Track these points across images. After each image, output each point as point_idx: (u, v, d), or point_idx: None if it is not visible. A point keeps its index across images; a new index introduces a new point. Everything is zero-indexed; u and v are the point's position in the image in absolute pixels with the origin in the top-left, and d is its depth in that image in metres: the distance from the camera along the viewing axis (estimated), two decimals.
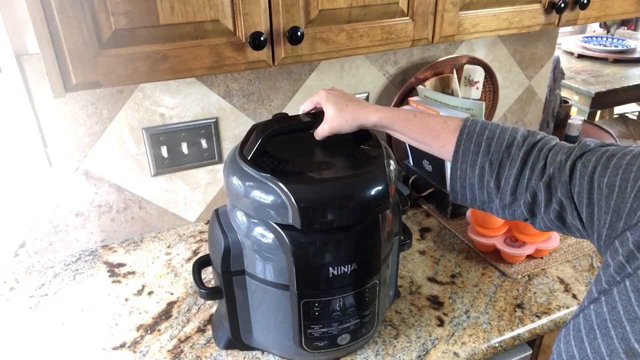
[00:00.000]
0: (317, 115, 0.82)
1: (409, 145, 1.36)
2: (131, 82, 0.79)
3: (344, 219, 0.72)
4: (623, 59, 2.91)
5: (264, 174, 0.72)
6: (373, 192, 0.73)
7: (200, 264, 0.88)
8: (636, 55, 2.93)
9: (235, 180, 0.75)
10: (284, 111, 1.28)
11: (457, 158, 0.72)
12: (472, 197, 0.73)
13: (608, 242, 0.56)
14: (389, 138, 1.40)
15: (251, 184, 0.73)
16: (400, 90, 1.35)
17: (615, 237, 0.55)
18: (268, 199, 0.71)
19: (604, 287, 0.53)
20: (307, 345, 0.81)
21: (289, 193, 0.69)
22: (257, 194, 0.72)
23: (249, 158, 0.76)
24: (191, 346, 0.93)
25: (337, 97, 0.81)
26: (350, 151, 0.81)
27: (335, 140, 0.82)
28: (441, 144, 0.75)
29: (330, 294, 0.77)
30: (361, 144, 0.83)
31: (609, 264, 0.54)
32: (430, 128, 0.76)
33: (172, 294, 1.06)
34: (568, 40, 3.17)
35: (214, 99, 1.20)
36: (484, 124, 0.72)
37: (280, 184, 0.70)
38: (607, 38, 3.16)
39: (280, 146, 0.81)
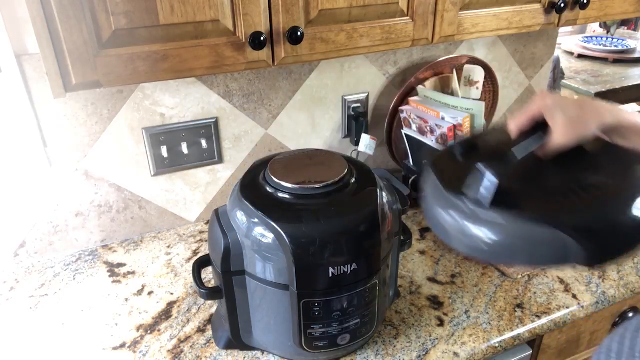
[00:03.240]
0: (535, 131, 0.67)
1: (409, 145, 1.36)
2: (131, 82, 0.79)
3: None
4: (623, 59, 2.91)
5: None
6: None
7: (200, 264, 0.88)
8: (636, 55, 2.92)
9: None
10: (282, 112, 1.28)
11: None
12: None
13: None
14: (389, 137, 1.40)
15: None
16: (400, 90, 1.34)
17: None
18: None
19: None
20: (307, 345, 0.81)
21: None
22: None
23: (486, 204, 0.60)
24: (191, 346, 0.93)
25: (564, 102, 0.66)
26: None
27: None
28: None
29: (330, 294, 0.77)
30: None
31: None
32: None
33: (172, 294, 1.06)
34: (568, 40, 3.17)
35: (214, 99, 1.20)
36: None
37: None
38: (607, 38, 3.16)
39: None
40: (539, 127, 0.67)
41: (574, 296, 1.03)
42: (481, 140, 0.71)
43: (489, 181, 0.59)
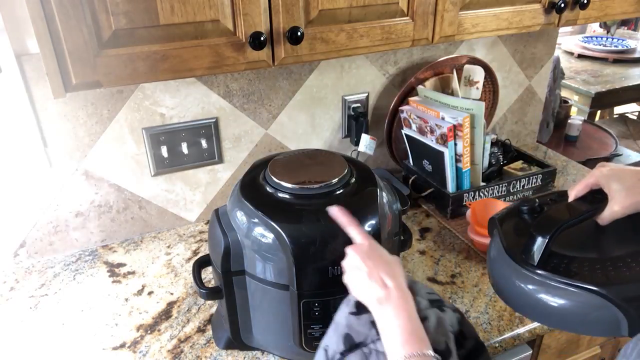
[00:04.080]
0: (594, 199, 0.70)
1: (409, 145, 1.36)
2: (131, 82, 0.79)
3: None
4: (623, 59, 2.91)
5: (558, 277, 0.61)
6: None
7: (200, 264, 0.88)
8: (636, 55, 2.93)
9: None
10: (282, 112, 1.28)
11: None
12: None
13: None
14: (389, 137, 1.40)
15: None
16: (400, 90, 1.35)
17: None
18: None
19: None
20: (307, 345, 0.81)
21: None
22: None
23: (536, 264, 0.63)
24: (191, 346, 0.93)
25: (621, 172, 0.69)
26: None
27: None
28: None
29: (330, 294, 0.77)
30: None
31: None
32: None
33: (172, 294, 1.06)
34: (568, 40, 3.17)
35: (214, 99, 1.20)
36: None
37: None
38: (607, 38, 3.16)
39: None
40: (598, 196, 0.70)
41: None
42: (545, 202, 0.74)
43: (541, 243, 0.63)
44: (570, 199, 0.72)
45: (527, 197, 0.74)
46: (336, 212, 0.73)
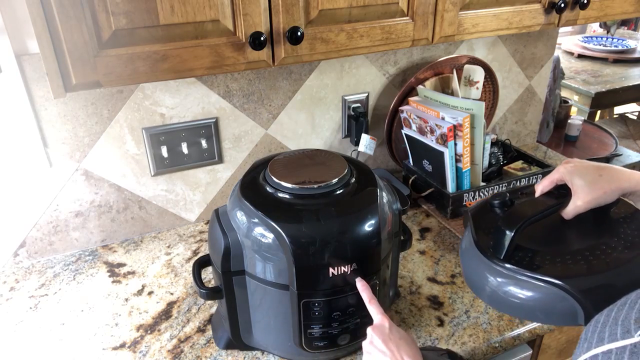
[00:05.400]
0: (559, 194, 0.72)
1: (409, 145, 1.36)
2: (131, 82, 0.79)
3: None
4: (623, 59, 2.91)
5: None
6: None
7: (200, 264, 0.88)
8: (636, 55, 2.93)
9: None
10: (282, 112, 1.28)
11: None
12: None
13: None
14: (389, 137, 1.40)
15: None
16: (400, 90, 1.35)
17: None
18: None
19: None
20: (307, 345, 0.81)
21: None
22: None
23: (502, 257, 0.66)
24: (191, 346, 0.93)
25: (584, 168, 0.71)
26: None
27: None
28: None
29: (330, 294, 0.77)
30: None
31: None
32: None
33: (172, 294, 1.06)
34: (568, 40, 3.17)
35: (214, 99, 1.20)
36: None
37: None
38: (607, 38, 3.16)
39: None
40: (563, 191, 0.72)
41: None
42: (516, 196, 0.76)
43: (507, 237, 0.65)
44: (537, 194, 0.75)
45: (499, 192, 0.76)
46: (361, 285, 0.77)
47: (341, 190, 0.80)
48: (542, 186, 0.75)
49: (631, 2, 1.22)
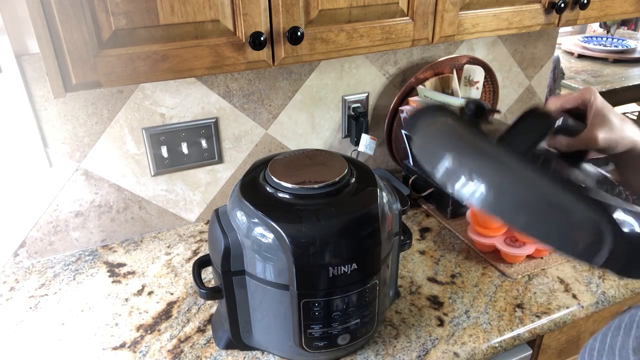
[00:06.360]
0: (572, 116, 0.62)
1: (409, 145, 1.36)
2: (131, 82, 0.79)
3: None
4: (623, 59, 2.91)
5: None
6: None
7: (200, 264, 0.88)
8: (636, 55, 2.92)
9: None
10: (282, 112, 1.28)
11: None
12: None
13: None
14: (389, 137, 1.40)
15: None
16: (400, 90, 1.35)
17: None
18: None
19: None
20: (307, 345, 0.81)
21: None
22: None
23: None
24: (191, 346, 0.93)
25: (609, 105, 0.62)
26: None
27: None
28: None
29: (330, 294, 0.77)
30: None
31: None
32: None
33: (172, 294, 1.06)
34: (568, 40, 3.17)
35: (214, 99, 1.20)
36: None
37: None
38: (607, 38, 3.16)
39: None
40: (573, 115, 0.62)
41: (574, 296, 1.03)
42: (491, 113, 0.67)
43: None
44: (552, 107, 0.64)
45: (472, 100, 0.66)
46: None
47: (341, 191, 0.80)
48: (562, 101, 0.63)
49: (631, 2, 1.22)
